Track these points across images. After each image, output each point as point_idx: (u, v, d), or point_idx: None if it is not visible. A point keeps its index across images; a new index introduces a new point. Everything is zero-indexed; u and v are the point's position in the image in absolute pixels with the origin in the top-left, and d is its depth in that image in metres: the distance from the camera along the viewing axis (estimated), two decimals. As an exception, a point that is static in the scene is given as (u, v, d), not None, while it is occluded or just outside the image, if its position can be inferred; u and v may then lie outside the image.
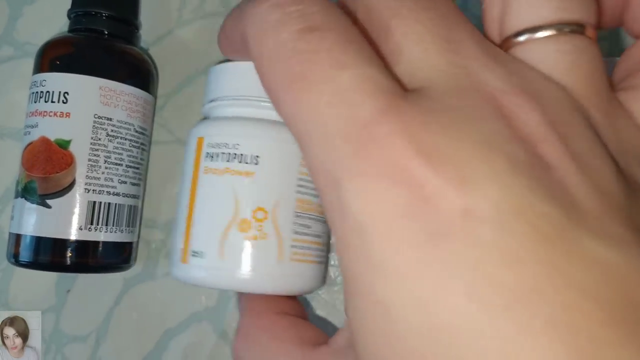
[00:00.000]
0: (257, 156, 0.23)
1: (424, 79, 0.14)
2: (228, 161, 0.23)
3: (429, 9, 0.15)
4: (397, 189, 0.12)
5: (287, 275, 0.23)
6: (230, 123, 0.24)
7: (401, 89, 0.14)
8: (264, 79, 0.16)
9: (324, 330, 0.23)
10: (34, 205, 0.27)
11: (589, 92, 0.15)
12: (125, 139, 0.28)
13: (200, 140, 0.24)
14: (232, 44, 0.21)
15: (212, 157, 0.23)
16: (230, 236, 0.23)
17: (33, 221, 0.27)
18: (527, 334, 0.11)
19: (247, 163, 0.23)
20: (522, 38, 0.15)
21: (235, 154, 0.23)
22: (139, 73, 0.30)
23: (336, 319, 0.31)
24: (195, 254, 0.23)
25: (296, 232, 0.23)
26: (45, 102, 0.27)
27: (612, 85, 0.17)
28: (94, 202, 0.27)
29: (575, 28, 0.15)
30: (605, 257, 0.12)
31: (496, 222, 0.12)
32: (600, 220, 0.12)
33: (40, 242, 0.27)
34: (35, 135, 0.27)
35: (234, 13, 0.20)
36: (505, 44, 0.16)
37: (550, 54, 0.15)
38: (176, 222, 0.25)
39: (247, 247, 0.23)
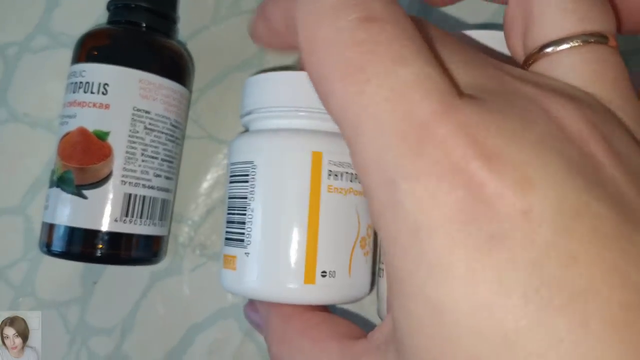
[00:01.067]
0: None
1: (471, 85, 0.14)
2: (351, 181, 0.24)
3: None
4: (457, 190, 0.12)
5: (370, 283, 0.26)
6: None
7: (457, 90, 0.14)
8: (313, 67, 0.15)
9: None
10: (70, 196, 0.27)
11: (616, 99, 0.15)
12: (162, 133, 0.28)
13: (318, 156, 0.23)
14: (273, 29, 0.20)
15: (337, 176, 0.23)
16: (355, 254, 0.24)
17: (68, 211, 0.27)
18: (585, 334, 0.11)
19: None
20: (548, 50, 0.16)
21: (355, 174, 0.24)
22: (177, 67, 0.30)
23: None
24: (325, 273, 0.23)
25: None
26: (85, 92, 0.27)
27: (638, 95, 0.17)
28: (130, 195, 0.27)
29: (599, 39, 0.16)
30: None
31: (555, 223, 0.12)
32: None
33: (74, 233, 0.27)
34: (73, 125, 0.27)
35: None
36: (532, 55, 0.16)
37: (575, 65, 0.16)
38: (281, 241, 0.24)
39: (366, 263, 0.25)
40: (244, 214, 0.24)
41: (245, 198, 0.24)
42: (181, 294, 0.32)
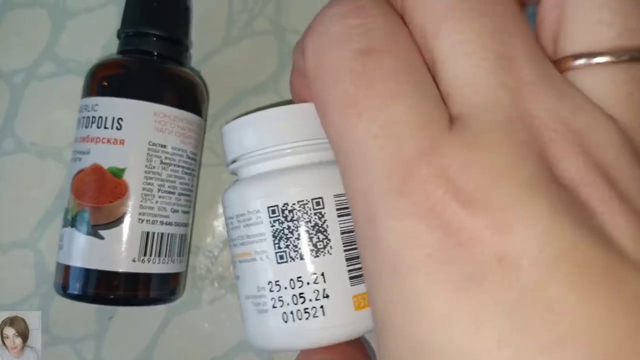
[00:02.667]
0: None
1: (469, 102, 0.13)
2: None
3: (486, 14, 0.14)
4: (434, 232, 0.12)
5: None
6: None
7: (447, 121, 0.13)
8: (317, 95, 0.15)
9: None
10: (85, 236, 0.26)
11: None
12: (179, 166, 0.27)
13: None
14: (299, 75, 0.20)
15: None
16: None
17: (84, 252, 0.26)
18: None
19: None
20: (578, 62, 0.14)
21: None
22: (192, 97, 0.28)
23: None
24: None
25: None
26: (98, 127, 0.26)
27: None
28: (147, 233, 0.26)
29: (636, 55, 0.14)
30: None
31: (533, 267, 0.11)
32: None
33: (91, 275, 0.26)
34: (86, 162, 0.26)
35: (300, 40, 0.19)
36: (560, 63, 0.15)
37: (605, 84, 0.14)
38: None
39: None
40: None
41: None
42: (200, 328, 0.31)
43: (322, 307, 0.23)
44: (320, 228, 0.23)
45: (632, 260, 0.12)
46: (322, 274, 0.23)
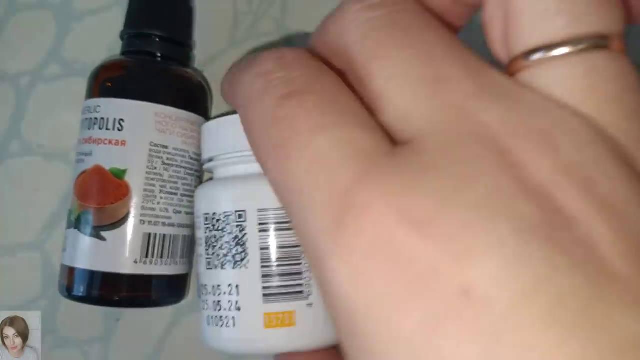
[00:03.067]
0: None
1: (414, 128, 0.12)
2: None
3: (411, 45, 0.13)
4: (384, 266, 0.11)
5: None
6: None
7: (386, 147, 0.12)
8: (251, 146, 0.15)
9: None
10: (88, 238, 0.26)
11: (616, 118, 0.12)
12: (181, 167, 0.27)
13: None
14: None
15: None
16: None
17: (87, 254, 0.26)
18: None
19: None
20: (532, 58, 0.13)
21: None
22: (194, 97, 0.28)
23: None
24: None
25: None
26: (100, 129, 0.26)
27: None
28: (149, 234, 0.26)
29: (597, 42, 0.12)
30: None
31: (502, 304, 0.10)
32: (635, 287, 0.10)
33: (94, 276, 0.26)
34: (89, 163, 0.26)
35: (227, 77, 0.19)
36: (513, 65, 0.13)
37: (565, 78, 0.12)
38: None
39: None
40: (299, 263, 0.23)
41: (299, 246, 0.23)
42: (205, 330, 0.31)
43: (233, 317, 0.23)
44: (240, 241, 0.23)
45: (622, 281, 0.10)
46: (237, 287, 0.23)
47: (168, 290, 0.27)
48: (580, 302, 0.10)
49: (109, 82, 0.27)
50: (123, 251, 0.26)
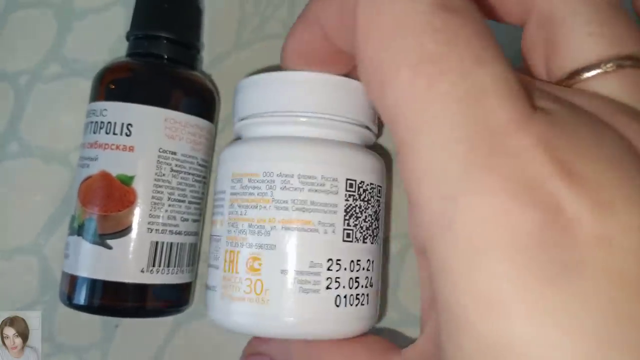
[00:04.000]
0: None
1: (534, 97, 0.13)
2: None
3: None
4: (529, 211, 0.11)
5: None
6: None
7: (531, 100, 0.13)
8: (372, 50, 0.13)
9: None
10: (92, 246, 0.25)
11: None
12: (189, 174, 0.26)
13: None
14: (315, 33, 0.19)
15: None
16: None
17: (91, 262, 0.25)
18: None
19: None
20: (583, 76, 0.14)
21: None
22: (203, 102, 0.28)
23: None
24: None
25: None
26: (107, 133, 0.25)
27: None
28: (157, 243, 0.25)
29: (634, 62, 0.14)
30: None
31: (637, 253, 0.10)
32: None
33: (97, 285, 0.25)
34: (94, 168, 0.25)
35: None
36: (567, 82, 0.15)
37: (616, 88, 0.14)
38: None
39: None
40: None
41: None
42: (208, 338, 0.30)
43: (367, 295, 0.22)
44: (377, 215, 0.22)
45: None
46: (372, 262, 0.22)
47: (173, 299, 0.27)
48: None
49: (116, 84, 0.26)
50: (129, 260, 0.25)
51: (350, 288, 0.21)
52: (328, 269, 0.20)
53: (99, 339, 0.30)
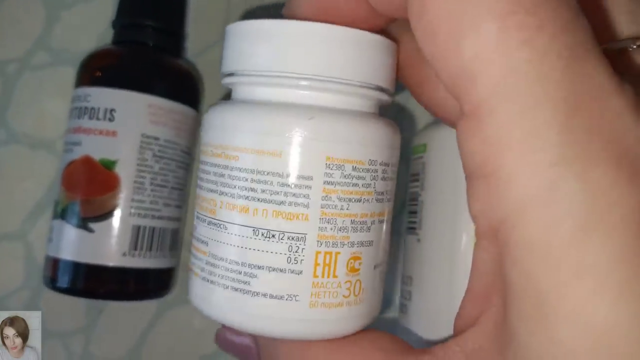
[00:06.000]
0: None
1: None
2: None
3: None
4: (636, 185, 0.10)
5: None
6: None
7: None
8: (442, 9, 0.12)
9: None
10: (75, 229, 0.25)
11: None
12: (172, 160, 0.27)
13: None
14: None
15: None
16: None
17: (74, 245, 0.25)
18: None
19: None
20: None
21: None
22: (187, 89, 0.28)
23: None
24: None
25: None
26: (90, 118, 0.26)
27: None
28: (139, 227, 0.26)
29: None
30: None
31: None
32: None
33: (80, 268, 0.25)
34: (77, 153, 0.26)
35: None
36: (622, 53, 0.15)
37: None
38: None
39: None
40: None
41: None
42: (190, 324, 0.31)
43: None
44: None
45: None
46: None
47: (155, 283, 0.27)
48: None
49: (100, 70, 0.27)
50: (111, 243, 0.25)
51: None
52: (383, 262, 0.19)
53: (82, 324, 0.31)
